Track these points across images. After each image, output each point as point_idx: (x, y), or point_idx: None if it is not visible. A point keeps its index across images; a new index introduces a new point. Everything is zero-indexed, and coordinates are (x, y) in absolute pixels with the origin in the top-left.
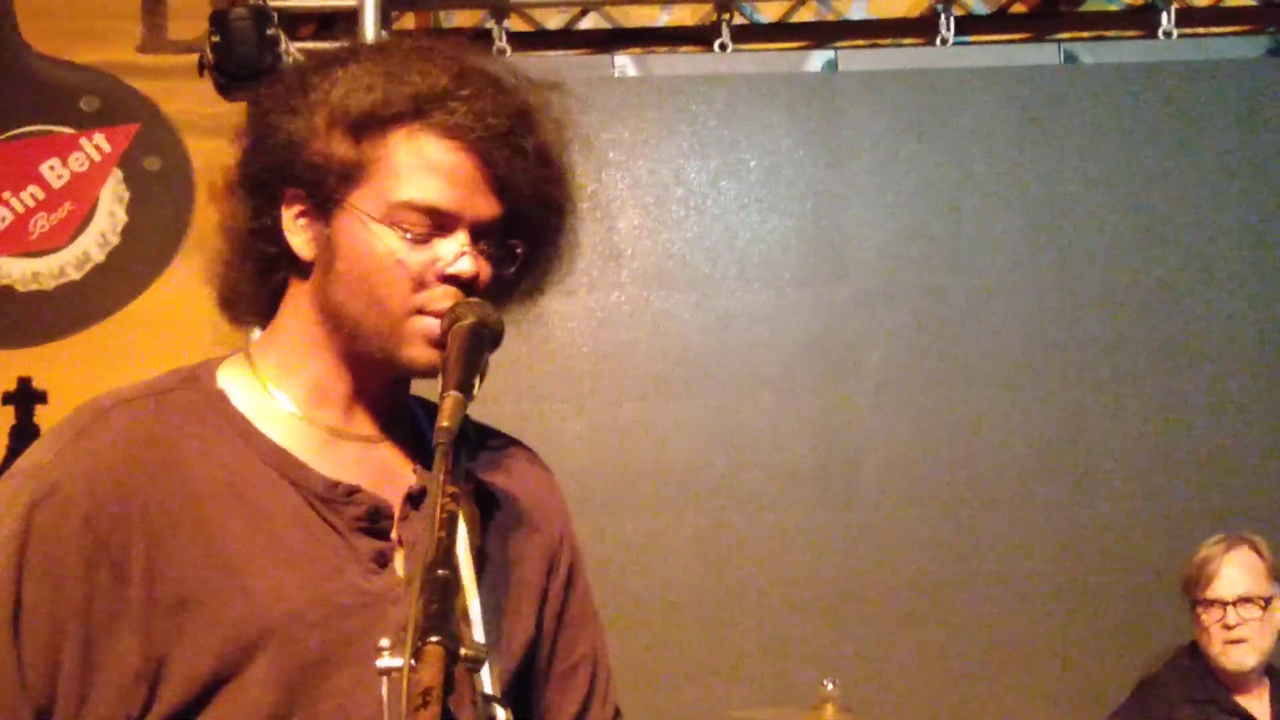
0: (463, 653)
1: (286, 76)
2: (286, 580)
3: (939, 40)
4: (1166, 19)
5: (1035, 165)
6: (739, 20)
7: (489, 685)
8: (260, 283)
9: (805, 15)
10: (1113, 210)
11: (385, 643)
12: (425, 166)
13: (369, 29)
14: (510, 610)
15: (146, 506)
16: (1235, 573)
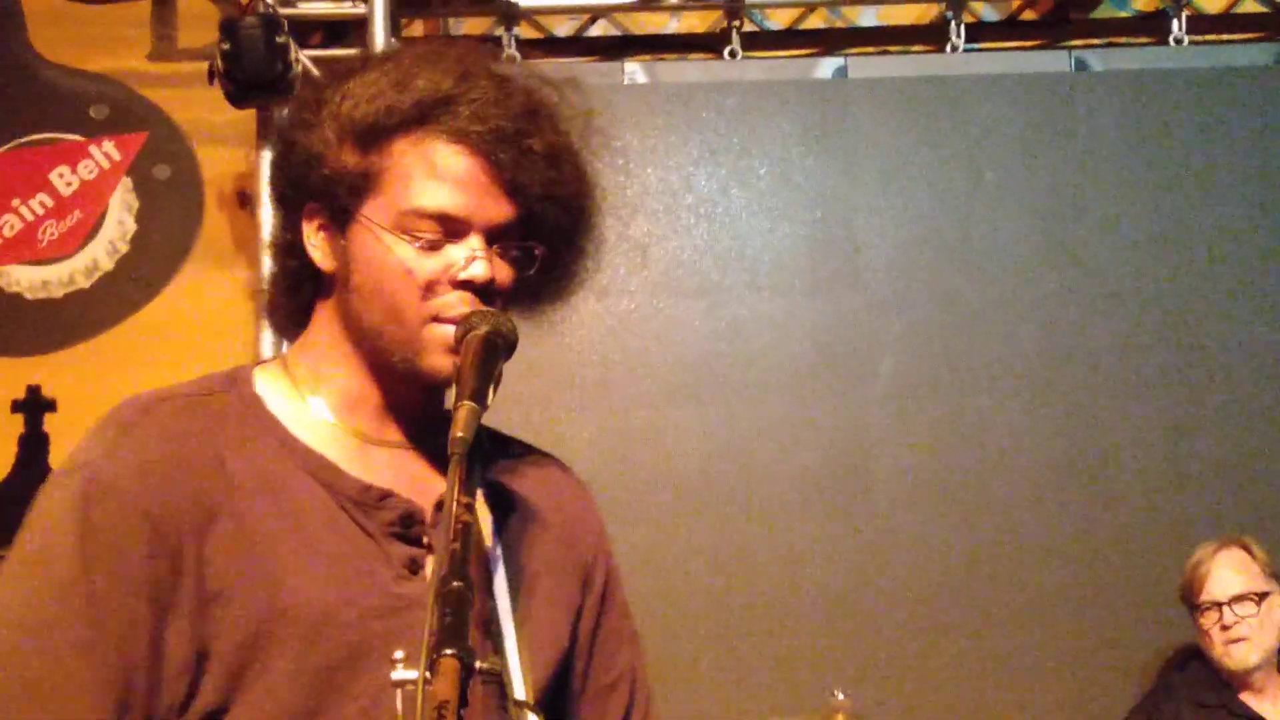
0: (478, 665)
1: (304, 91)
2: (318, 579)
3: (949, 47)
4: (1177, 26)
5: (1046, 172)
6: (749, 27)
7: (521, 692)
8: (291, 296)
9: (815, 22)
10: (1124, 217)
11: (400, 655)
12: (432, 173)
13: (378, 37)
14: (542, 620)
15: (192, 499)
16: (1227, 573)
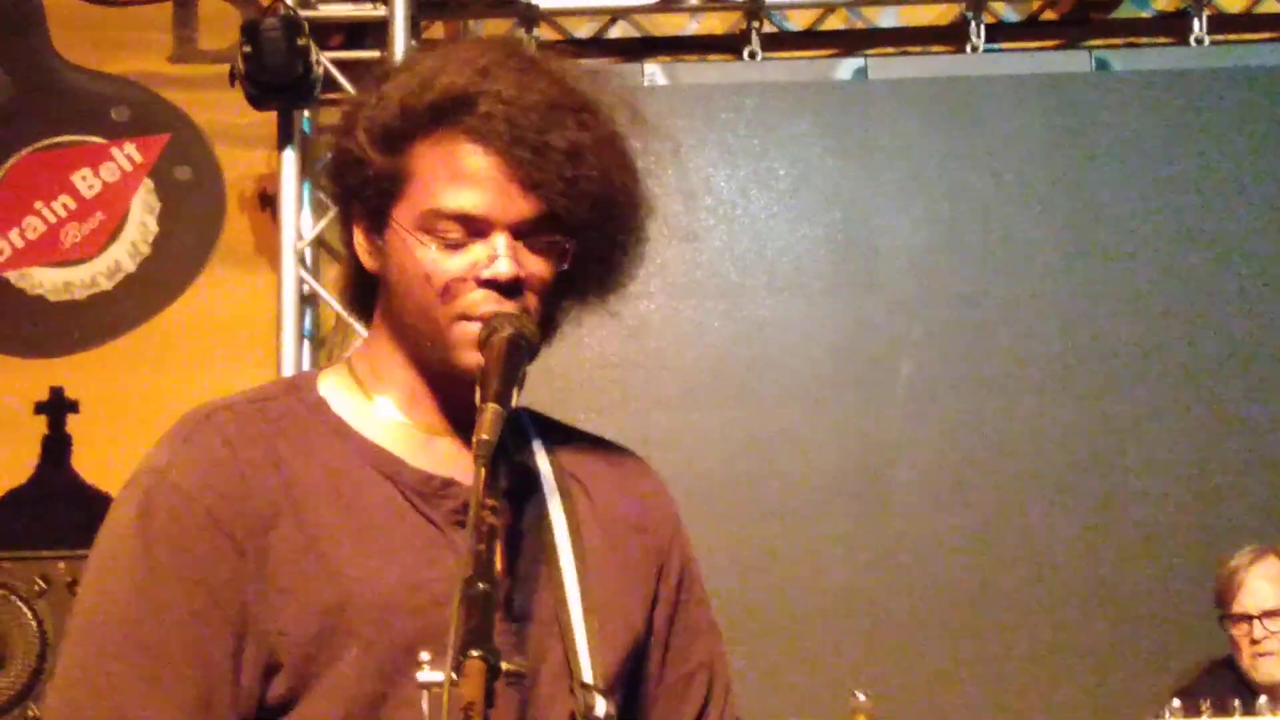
0: (504, 667)
1: (348, 99)
2: (379, 569)
3: (969, 48)
4: (1198, 26)
5: (1066, 173)
6: (768, 28)
7: (588, 675)
8: (357, 297)
9: (835, 23)
10: (1144, 217)
11: (425, 656)
12: (451, 173)
13: (398, 39)
14: (612, 607)
15: (254, 498)
16: (1262, 585)
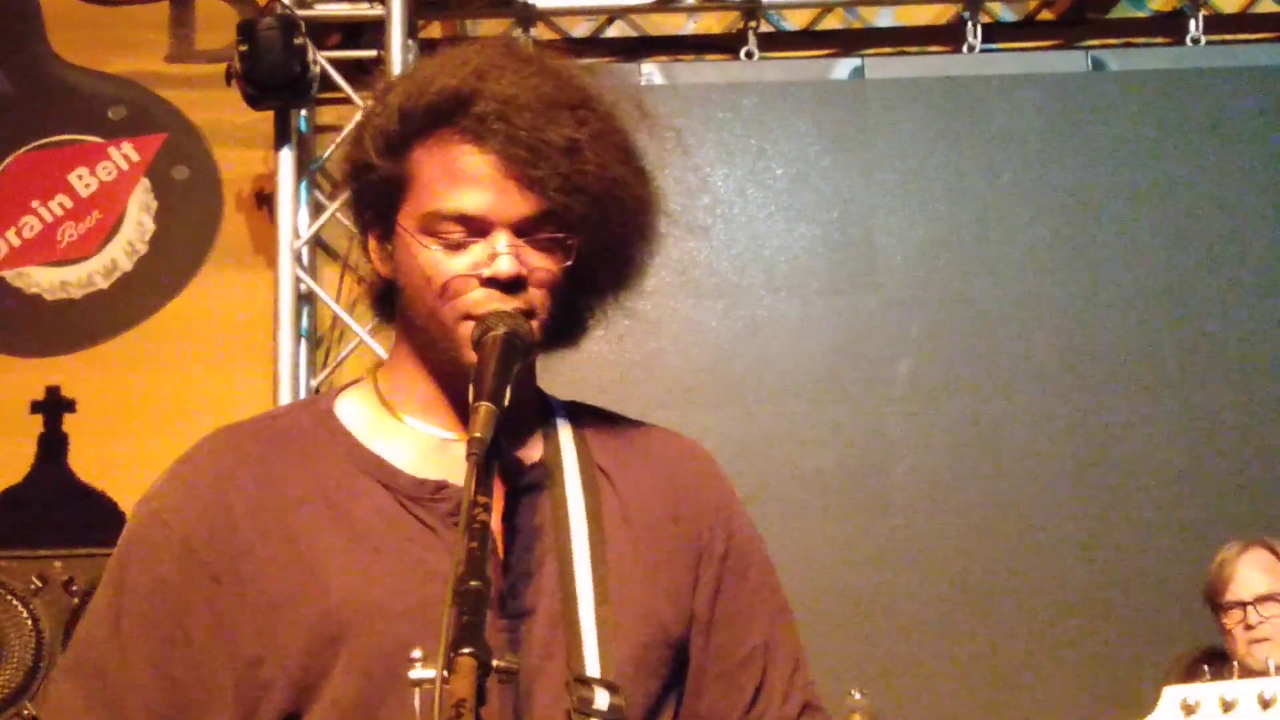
0: (496, 664)
1: (366, 107)
2: (367, 577)
3: (966, 47)
4: (1195, 26)
5: (1063, 172)
6: (765, 28)
7: (594, 668)
8: (379, 304)
9: (832, 23)
10: (1141, 217)
11: (417, 654)
12: (449, 174)
13: (395, 39)
14: (631, 597)
15: (236, 521)
16: (1252, 573)
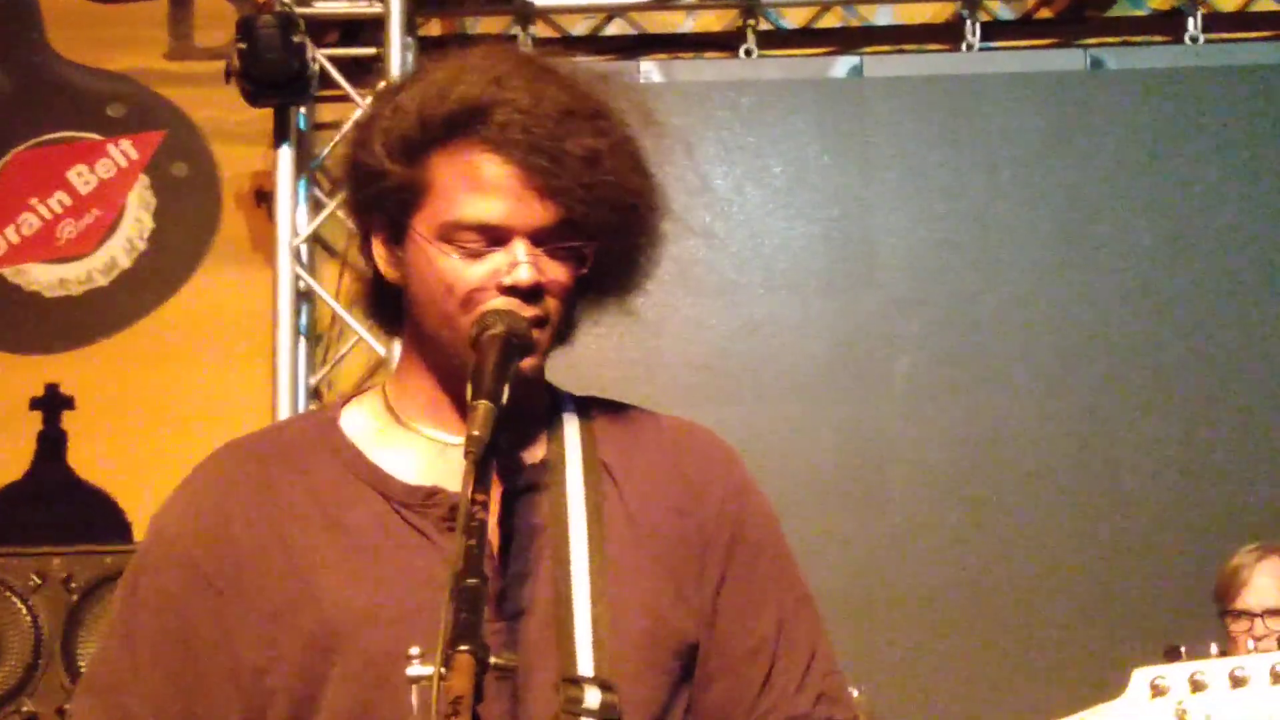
0: (493, 661)
1: (368, 108)
2: (359, 584)
3: (965, 46)
4: (1193, 24)
5: (1062, 171)
6: (764, 26)
7: (586, 667)
8: (377, 308)
9: (831, 21)
10: (1140, 215)
11: (415, 651)
12: (470, 183)
13: (394, 36)
14: (630, 593)
15: (235, 533)
16: (1266, 583)
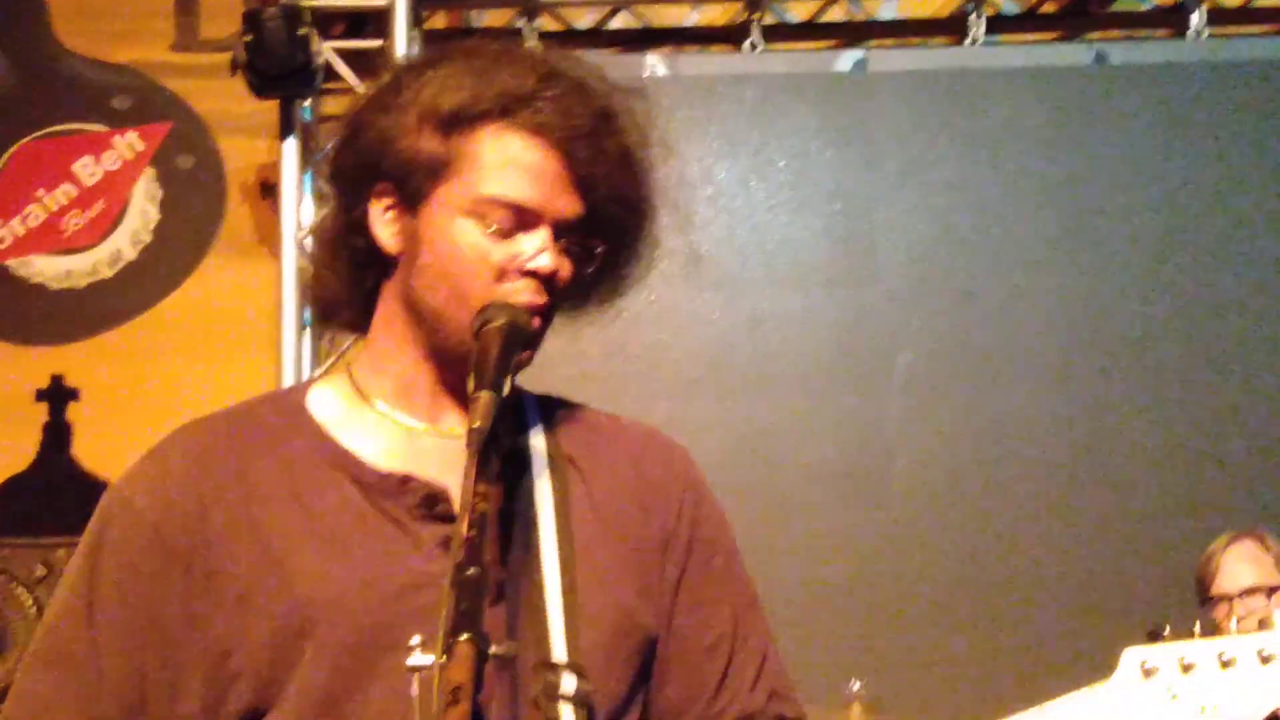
0: (493, 650)
1: (382, 79)
2: (332, 569)
3: (969, 40)
4: (1197, 19)
5: (1066, 165)
6: (769, 20)
7: (561, 654)
8: (354, 283)
9: (835, 15)
10: (1143, 210)
11: (415, 640)
12: (511, 163)
13: (400, 28)
14: (598, 587)
15: (207, 512)
16: (1239, 566)
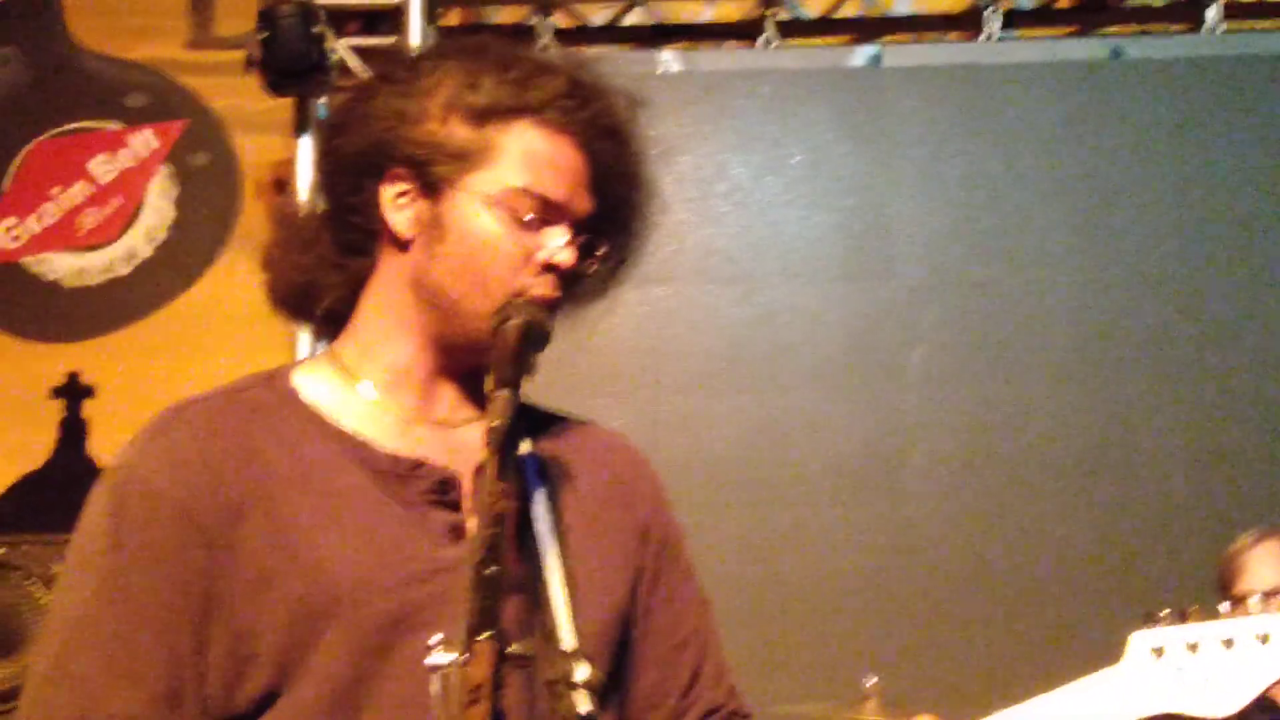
0: (511, 650)
1: (392, 63)
2: (351, 552)
3: (985, 35)
4: (1213, 13)
5: (1081, 160)
6: (783, 15)
7: (569, 643)
8: (341, 266)
9: (850, 10)
10: (1160, 205)
11: (435, 639)
12: (542, 158)
13: (414, 25)
14: (594, 581)
15: (224, 490)
16: (1263, 568)
